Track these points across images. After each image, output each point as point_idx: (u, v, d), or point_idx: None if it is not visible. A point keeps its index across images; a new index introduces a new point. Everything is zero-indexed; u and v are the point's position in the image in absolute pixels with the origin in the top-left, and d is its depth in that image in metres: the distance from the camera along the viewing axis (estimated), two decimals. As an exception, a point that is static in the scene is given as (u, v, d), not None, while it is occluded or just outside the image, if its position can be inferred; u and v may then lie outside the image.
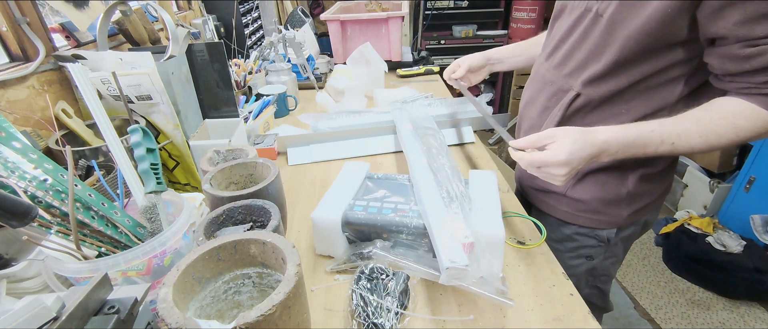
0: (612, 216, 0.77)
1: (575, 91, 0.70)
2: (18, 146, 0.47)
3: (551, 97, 0.76)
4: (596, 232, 0.80)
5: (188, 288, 0.42)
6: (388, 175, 0.75)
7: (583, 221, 0.80)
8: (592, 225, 0.80)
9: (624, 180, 0.74)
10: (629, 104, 0.67)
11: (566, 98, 0.71)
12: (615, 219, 0.77)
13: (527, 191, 0.90)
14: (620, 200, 0.75)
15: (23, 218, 0.39)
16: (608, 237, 0.80)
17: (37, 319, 0.33)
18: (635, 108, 0.67)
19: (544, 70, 0.79)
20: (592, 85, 0.68)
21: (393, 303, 0.52)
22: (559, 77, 0.74)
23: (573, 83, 0.70)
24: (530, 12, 2.86)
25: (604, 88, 0.67)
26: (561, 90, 0.73)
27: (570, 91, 0.71)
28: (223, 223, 0.56)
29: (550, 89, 0.76)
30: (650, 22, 0.58)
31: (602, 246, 0.81)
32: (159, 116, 0.80)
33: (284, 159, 1.00)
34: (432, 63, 1.72)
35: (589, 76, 0.67)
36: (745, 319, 1.65)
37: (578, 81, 0.69)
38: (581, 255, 0.84)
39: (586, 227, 0.80)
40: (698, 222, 1.97)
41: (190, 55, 0.91)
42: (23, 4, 0.78)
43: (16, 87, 0.75)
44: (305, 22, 1.96)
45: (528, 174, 0.85)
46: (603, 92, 0.67)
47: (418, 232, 0.60)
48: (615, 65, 0.64)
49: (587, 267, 0.84)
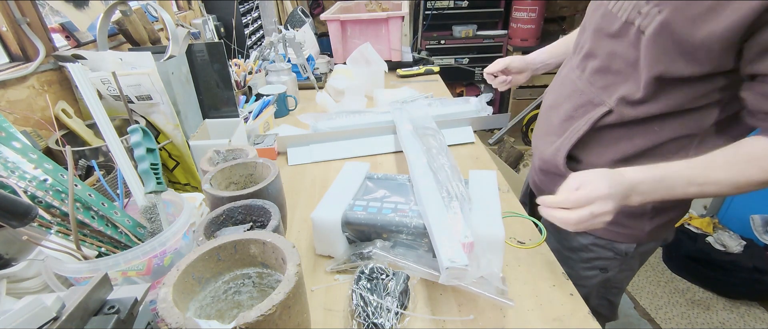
0: (634, 230, 0.73)
1: (608, 106, 0.65)
2: (18, 146, 0.47)
3: (579, 107, 0.71)
4: (614, 245, 0.76)
5: (188, 288, 0.42)
6: (388, 175, 0.75)
7: (602, 232, 0.76)
8: (611, 238, 0.76)
9: None
10: (662, 125, 0.63)
11: (597, 112, 0.67)
12: (636, 233, 0.74)
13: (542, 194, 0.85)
14: (644, 214, 0.71)
15: (23, 218, 0.39)
16: (627, 251, 0.76)
17: (37, 319, 0.33)
18: (668, 129, 0.63)
19: (574, 77, 0.74)
20: (629, 105, 0.63)
21: (393, 303, 0.52)
22: (592, 89, 0.69)
23: (606, 99, 0.66)
24: (530, 12, 2.85)
25: (641, 110, 0.63)
26: (591, 103, 0.68)
27: (602, 106, 0.66)
28: (223, 223, 0.56)
29: (579, 99, 0.71)
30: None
31: (618, 259, 0.78)
32: (159, 116, 0.80)
33: (284, 159, 1.00)
34: (432, 63, 1.72)
35: (625, 95, 0.63)
36: (745, 319, 1.65)
37: (613, 97, 0.65)
38: (595, 267, 0.80)
39: (605, 239, 0.76)
40: (698, 222, 1.97)
41: (190, 55, 0.91)
42: (23, 4, 0.78)
43: (16, 87, 0.75)
44: (305, 22, 1.96)
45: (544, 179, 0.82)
46: (639, 113, 0.63)
47: (418, 232, 0.60)
48: (656, 84, 0.60)
49: (601, 279, 0.81)
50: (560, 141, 0.73)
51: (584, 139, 0.69)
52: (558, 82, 0.81)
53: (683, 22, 0.53)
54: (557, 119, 0.76)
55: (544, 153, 0.78)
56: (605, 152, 0.69)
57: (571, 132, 0.71)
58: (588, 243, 0.79)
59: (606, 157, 0.69)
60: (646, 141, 0.64)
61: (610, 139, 0.67)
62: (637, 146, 0.65)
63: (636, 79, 0.61)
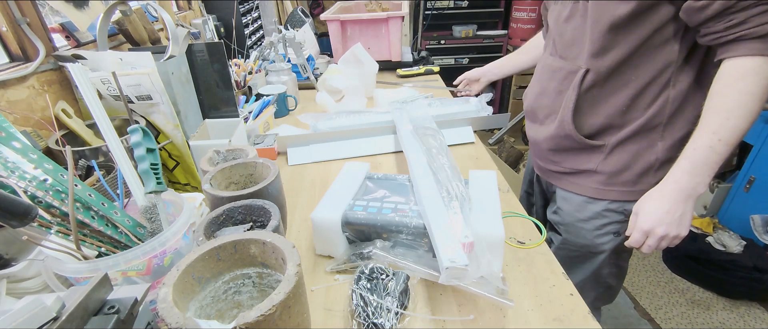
0: (643, 185, 0.78)
1: (584, 67, 0.74)
2: (18, 146, 0.47)
3: (562, 80, 0.79)
4: (625, 206, 0.81)
5: (188, 288, 0.42)
6: (388, 175, 0.75)
7: (613, 195, 0.81)
8: (622, 199, 0.81)
9: (653, 148, 0.76)
10: (637, 70, 0.71)
11: (577, 77, 0.75)
12: (644, 188, 0.76)
13: (551, 176, 0.92)
14: (649, 168, 0.77)
15: (23, 218, 0.39)
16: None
17: (37, 319, 0.33)
18: (642, 72, 0.71)
19: (550, 62, 0.83)
20: (596, 58, 0.72)
21: (393, 303, 0.52)
22: (566, 62, 0.78)
23: (580, 62, 0.75)
24: (530, 12, 2.86)
25: (608, 59, 0.71)
26: (570, 72, 0.77)
27: (579, 70, 0.75)
28: (223, 223, 0.56)
29: (560, 75, 0.80)
30: None
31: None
32: (159, 116, 0.80)
33: (284, 159, 1.00)
34: (432, 63, 1.72)
35: (591, 51, 0.72)
36: (745, 319, 1.65)
37: (583, 57, 0.74)
38: (609, 232, 0.85)
39: (617, 201, 0.82)
40: (698, 222, 1.97)
41: (190, 55, 0.91)
42: (23, 4, 0.78)
43: (16, 87, 0.75)
44: (305, 22, 1.96)
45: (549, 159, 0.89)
46: (609, 63, 0.71)
47: (418, 232, 0.60)
48: (611, 34, 0.69)
49: (615, 243, 0.86)
50: (560, 114, 0.80)
51: (578, 105, 0.77)
52: (537, 74, 0.90)
53: None
54: (549, 100, 0.84)
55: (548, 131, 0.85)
56: (600, 110, 0.76)
57: (566, 102, 0.78)
58: (600, 209, 0.84)
59: (603, 113, 0.76)
60: (629, 90, 0.73)
61: (600, 97, 0.76)
62: (624, 96, 0.73)
63: (594, 35, 0.71)
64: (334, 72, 1.37)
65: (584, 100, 0.77)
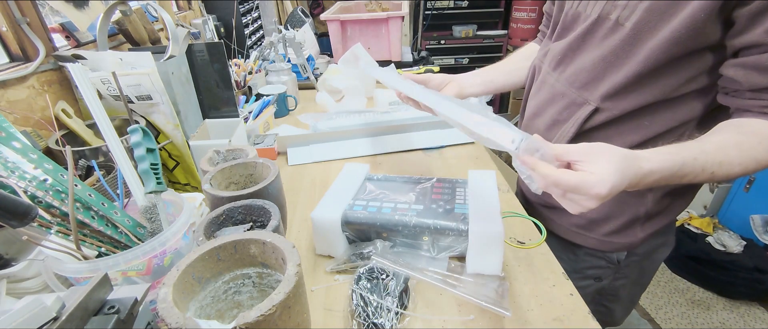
0: (626, 237, 0.71)
1: (593, 105, 0.63)
2: (18, 146, 0.47)
3: (563, 110, 0.69)
4: (606, 254, 0.75)
5: (188, 288, 0.42)
6: (388, 176, 0.75)
7: (592, 243, 0.74)
8: (603, 249, 0.74)
9: (643, 199, 0.68)
10: (653, 117, 0.61)
11: (582, 113, 0.65)
12: (629, 240, 0.72)
13: (531, 205, 0.84)
14: (636, 220, 0.69)
15: (23, 218, 0.39)
16: (618, 259, 0.75)
17: (37, 319, 0.33)
18: (660, 121, 0.61)
19: (552, 81, 0.72)
20: (612, 99, 0.62)
21: (393, 303, 0.52)
22: (572, 90, 0.67)
23: (589, 97, 0.64)
24: (530, 12, 2.86)
25: (626, 103, 0.61)
26: (574, 103, 0.67)
27: (586, 105, 0.65)
28: (223, 223, 0.56)
29: (562, 102, 0.69)
30: (681, 28, 0.52)
31: (612, 268, 0.77)
32: (159, 116, 0.80)
33: (284, 159, 1.00)
34: (432, 63, 1.72)
35: (608, 90, 0.61)
36: (745, 319, 1.65)
37: (595, 94, 0.63)
38: (588, 277, 0.79)
39: (598, 250, 0.75)
40: (698, 222, 1.97)
41: (190, 55, 0.91)
42: (23, 4, 0.78)
43: (16, 87, 0.75)
44: (305, 22, 1.96)
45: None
46: (625, 107, 0.61)
47: (418, 231, 0.60)
48: (638, 77, 0.58)
49: (595, 288, 0.80)
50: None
51: (574, 141, 0.66)
52: (536, 89, 0.78)
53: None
54: (543, 126, 0.74)
55: None
56: None
57: (559, 137, 0.69)
58: (580, 254, 0.77)
59: None
60: (637, 136, 0.62)
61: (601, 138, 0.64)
62: (630, 141, 0.63)
63: (618, 72, 0.59)
64: (334, 72, 1.37)
65: (582, 138, 0.66)
